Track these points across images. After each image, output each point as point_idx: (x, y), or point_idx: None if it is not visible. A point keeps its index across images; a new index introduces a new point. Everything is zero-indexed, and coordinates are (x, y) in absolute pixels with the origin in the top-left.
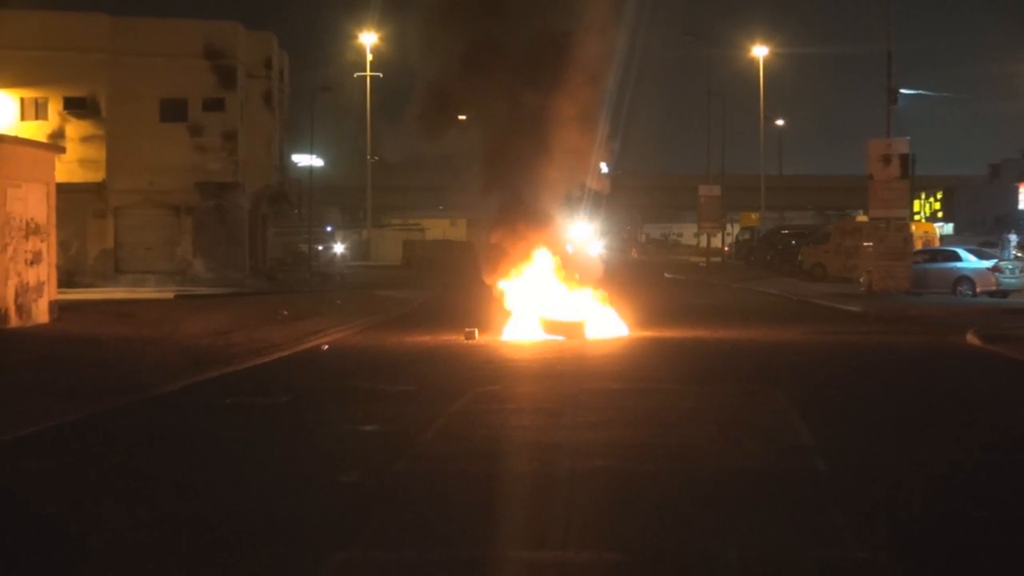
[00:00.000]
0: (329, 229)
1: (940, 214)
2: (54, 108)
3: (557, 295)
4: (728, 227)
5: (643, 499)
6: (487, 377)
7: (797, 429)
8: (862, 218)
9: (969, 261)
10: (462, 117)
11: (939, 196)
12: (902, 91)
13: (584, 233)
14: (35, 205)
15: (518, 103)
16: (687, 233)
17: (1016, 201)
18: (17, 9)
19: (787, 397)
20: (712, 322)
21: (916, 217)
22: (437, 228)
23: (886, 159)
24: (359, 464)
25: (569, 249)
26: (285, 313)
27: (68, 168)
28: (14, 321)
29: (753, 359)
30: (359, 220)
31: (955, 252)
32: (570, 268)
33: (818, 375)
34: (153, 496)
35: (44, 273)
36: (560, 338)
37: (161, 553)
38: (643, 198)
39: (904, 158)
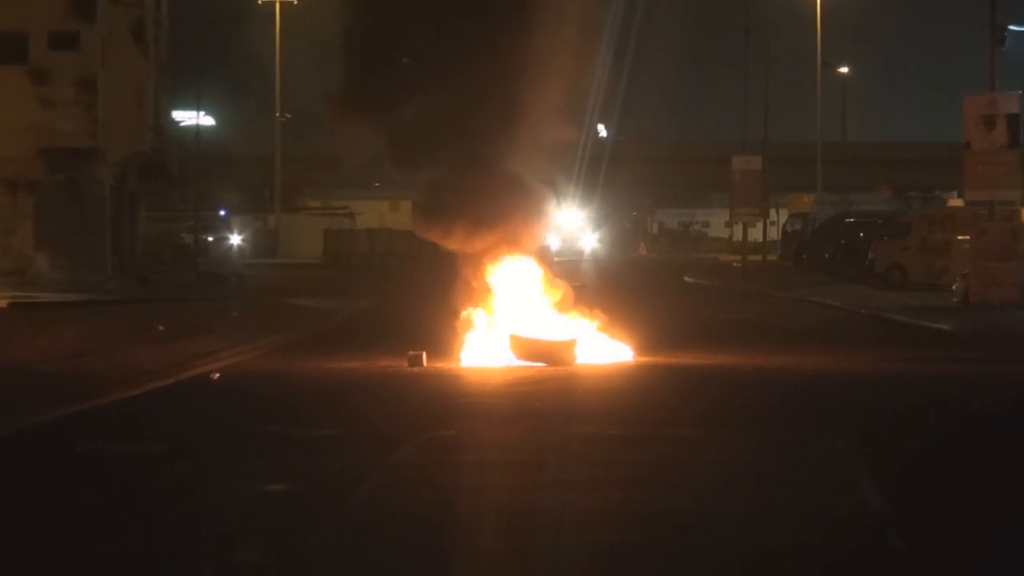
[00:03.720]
0: (223, 213)
1: None
2: None
3: (536, 307)
4: (772, 214)
5: None
6: (439, 418)
7: (864, 492)
8: (956, 202)
9: None
10: (405, 60)
11: None
12: (1012, 28)
13: (572, 222)
14: None
15: (474, 40)
16: (716, 222)
17: None
18: None
19: (850, 448)
20: (748, 344)
21: None
22: (372, 213)
23: (989, 121)
24: (259, 537)
25: (551, 244)
26: (162, 328)
27: None
28: None
29: (805, 396)
30: (264, 201)
31: None
32: (552, 269)
33: (893, 419)
34: None
35: None
36: (540, 364)
37: None
38: (655, 174)
39: (1014, 120)
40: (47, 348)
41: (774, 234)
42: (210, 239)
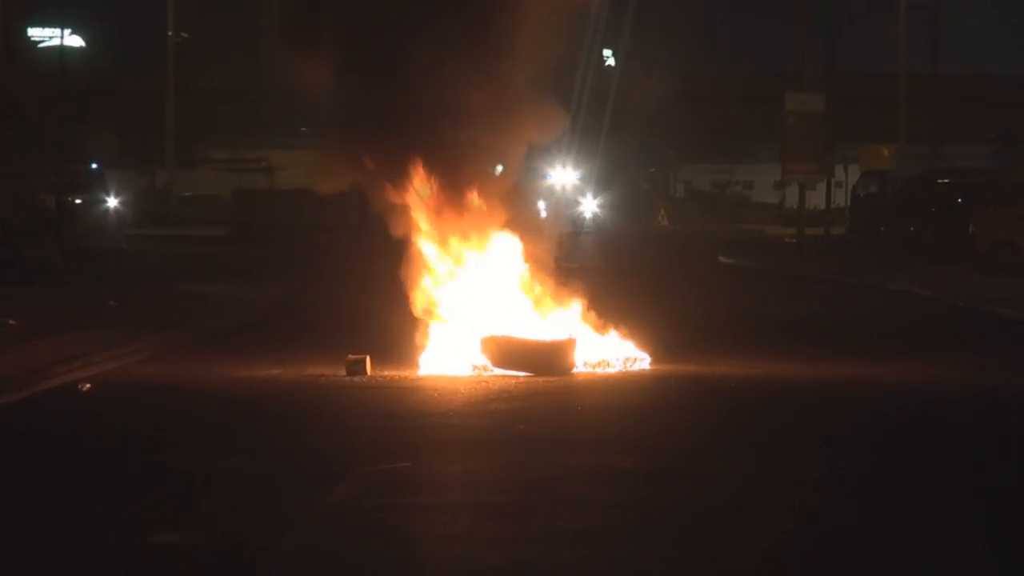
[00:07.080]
0: (96, 168)
1: None
2: None
3: (520, 297)
4: (839, 172)
5: None
6: (389, 445)
7: (967, 549)
8: None
9: None
10: None
11: None
12: None
13: (566, 181)
14: None
15: None
16: (761, 182)
17: None
18: None
19: (949, 489)
20: (805, 348)
21: None
22: (297, 167)
23: None
24: None
25: (542, 211)
26: (12, 323)
27: None
28: None
29: (882, 418)
30: (152, 151)
31: None
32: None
33: (1005, 450)
34: None
35: None
36: (525, 374)
37: None
38: (681, 117)
39: None
40: None
41: (841, 199)
42: (78, 202)
